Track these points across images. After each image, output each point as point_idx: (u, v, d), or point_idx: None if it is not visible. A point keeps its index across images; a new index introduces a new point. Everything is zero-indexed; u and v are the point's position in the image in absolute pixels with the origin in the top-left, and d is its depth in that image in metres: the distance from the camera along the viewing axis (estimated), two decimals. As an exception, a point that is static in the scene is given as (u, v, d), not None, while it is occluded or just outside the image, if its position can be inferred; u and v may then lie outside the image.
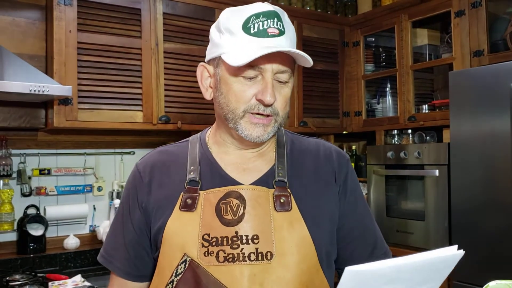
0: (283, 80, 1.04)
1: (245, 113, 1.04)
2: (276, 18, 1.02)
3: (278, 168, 1.10)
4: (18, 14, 2.49)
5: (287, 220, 1.03)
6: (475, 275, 2.35)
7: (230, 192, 1.05)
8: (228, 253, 0.99)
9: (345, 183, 1.14)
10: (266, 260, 0.99)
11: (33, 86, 2.11)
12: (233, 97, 1.04)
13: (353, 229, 1.14)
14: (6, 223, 2.51)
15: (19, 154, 2.60)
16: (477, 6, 2.66)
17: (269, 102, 1.01)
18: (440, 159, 2.72)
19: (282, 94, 1.05)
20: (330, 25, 3.39)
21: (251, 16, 1.02)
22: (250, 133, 1.04)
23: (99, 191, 2.83)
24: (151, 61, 2.62)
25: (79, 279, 2.29)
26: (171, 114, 2.68)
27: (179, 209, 1.05)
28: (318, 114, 3.32)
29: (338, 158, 1.16)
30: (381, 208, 3.07)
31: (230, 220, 1.02)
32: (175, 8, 2.72)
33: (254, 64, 1.00)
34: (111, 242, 1.17)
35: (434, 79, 3.40)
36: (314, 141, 1.20)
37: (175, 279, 1.01)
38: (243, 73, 1.02)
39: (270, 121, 1.05)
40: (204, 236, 1.01)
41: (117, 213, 1.17)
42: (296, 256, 1.01)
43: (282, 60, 1.02)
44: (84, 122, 2.43)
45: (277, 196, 1.05)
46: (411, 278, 0.75)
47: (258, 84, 1.02)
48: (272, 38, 1.00)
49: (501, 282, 0.81)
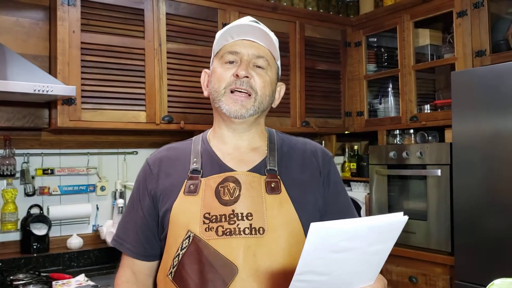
0: (260, 64, 1.23)
1: (225, 91, 1.22)
2: (254, 21, 1.26)
3: (270, 159, 1.25)
4: (22, 14, 2.50)
5: (277, 201, 1.18)
6: (477, 274, 2.35)
7: (227, 177, 1.20)
8: (226, 228, 1.13)
9: (328, 176, 1.29)
10: (259, 234, 1.13)
11: (37, 86, 2.11)
12: (216, 80, 1.24)
13: (335, 214, 1.26)
14: (10, 222, 2.52)
15: (23, 154, 2.61)
16: (479, 6, 2.66)
17: (241, 74, 1.20)
18: (442, 159, 2.73)
19: (259, 75, 1.23)
20: (332, 25, 3.39)
21: (233, 23, 1.26)
22: (230, 107, 1.21)
23: (102, 190, 2.84)
24: (154, 62, 2.63)
25: (83, 278, 2.30)
26: (174, 114, 2.69)
27: (183, 194, 1.20)
28: (320, 114, 3.32)
29: (322, 154, 1.32)
30: (383, 208, 3.07)
31: (227, 201, 1.16)
32: (178, 8, 2.73)
33: (232, 50, 1.23)
34: (122, 227, 1.32)
35: (436, 79, 3.40)
36: (302, 140, 1.36)
37: (181, 253, 1.15)
38: (224, 59, 1.24)
39: (249, 99, 1.21)
40: (205, 215, 1.15)
41: (128, 202, 1.34)
42: (285, 231, 1.15)
43: (259, 49, 1.24)
44: (87, 122, 2.44)
45: (268, 182, 1.20)
46: (366, 237, 0.86)
47: (237, 66, 1.22)
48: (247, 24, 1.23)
49: (506, 280, 0.82)
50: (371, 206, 3.16)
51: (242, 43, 1.23)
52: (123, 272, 1.30)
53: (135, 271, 1.29)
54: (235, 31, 1.24)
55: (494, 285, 0.83)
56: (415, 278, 2.76)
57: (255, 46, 1.24)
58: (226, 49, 1.24)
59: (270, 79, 1.25)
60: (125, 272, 1.30)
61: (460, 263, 2.48)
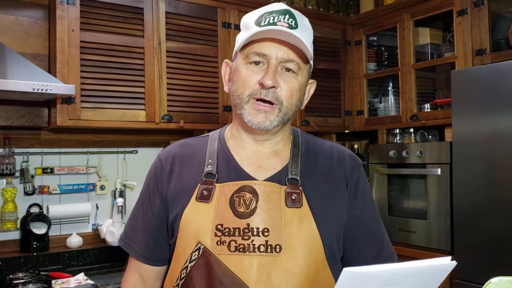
0: (290, 68, 1.09)
1: (249, 98, 1.09)
2: (288, 15, 1.09)
3: (292, 166, 1.14)
4: (21, 13, 2.50)
5: (297, 216, 1.07)
6: (477, 273, 2.35)
7: (244, 186, 1.09)
8: (239, 243, 1.04)
9: (356, 187, 1.17)
10: (275, 252, 1.03)
11: (36, 85, 2.11)
12: (240, 83, 1.11)
13: (361, 232, 1.17)
14: (9, 221, 2.52)
15: (22, 153, 2.61)
16: (479, 5, 2.66)
17: (268, 85, 1.06)
18: (442, 158, 2.72)
19: (287, 82, 1.09)
20: (332, 24, 3.39)
21: (264, 13, 1.11)
22: (253, 118, 1.09)
23: (101, 190, 2.84)
24: (153, 60, 2.63)
25: (82, 277, 2.30)
26: (174, 113, 2.69)
27: (196, 200, 1.10)
28: (320, 113, 3.32)
29: (351, 162, 1.20)
30: (383, 207, 3.07)
31: (242, 213, 1.07)
32: (178, 7, 2.73)
33: (260, 52, 1.08)
34: (131, 227, 1.23)
35: (436, 78, 3.39)
36: (329, 143, 1.25)
37: (189, 265, 1.07)
38: (250, 59, 1.09)
39: (273, 109, 1.09)
40: (218, 226, 1.06)
41: (138, 200, 1.24)
42: (304, 251, 1.05)
43: (289, 50, 1.08)
44: (87, 121, 2.44)
45: (288, 193, 1.09)
46: (405, 282, 0.78)
47: (264, 71, 1.08)
48: (280, 27, 1.06)
49: (503, 278, 0.81)
50: (371, 205, 3.15)
51: (271, 43, 1.08)
52: (130, 275, 1.24)
53: (143, 274, 1.22)
54: (264, 33, 1.07)
55: (491, 284, 0.82)
56: (415, 277, 2.76)
57: (286, 47, 1.08)
58: (253, 48, 1.09)
59: (299, 85, 1.12)
60: (133, 275, 1.23)
61: (460, 262, 2.45)
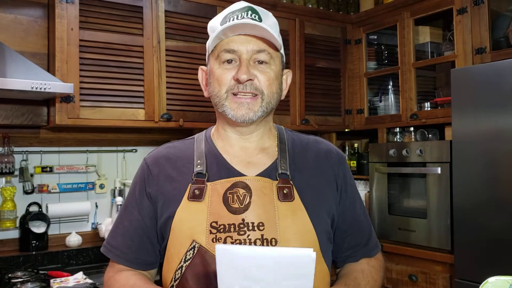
0: (262, 59, 1.12)
1: (227, 94, 1.11)
2: (250, 11, 1.13)
3: (281, 162, 1.15)
4: (20, 11, 2.49)
5: (290, 209, 1.09)
6: (477, 272, 2.35)
7: (237, 183, 1.10)
8: (235, 239, 1.05)
9: (345, 180, 1.22)
10: (271, 245, 1.05)
11: (35, 83, 2.11)
12: (216, 83, 1.13)
13: (351, 222, 1.22)
14: (9, 220, 2.52)
15: (22, 152, 2.60)
16: (479, 3, 2.65)
17: (243, 79, 1.08)
18: (442, 157, 2.72)
19: (263, 73, 1.12)
20: (332, 23, 3.38)
21: (228, 13, 1.14)
22: (236, 112, 1.11)
23: (101, 188, 2.84)
24: (153, 59, 2.62)
25: (81, 276, 2.30)
26: (173, 112, 2.68)
27: (188, 199, 1.09)
28: (320, 112, 3.31)
29: (337, 156, 1.24)
30: (383, 206, 3.06)
31: (237, 209, 1.07)
32: (177, 6, 2.72)
33: (229, 48, 1.11)
34: (114, 232, 1.20)
35: (436, 77, 3.39)
36: (313, 138, 1.27)
37: (184, 265, 1.06)
38: (221, 58, 1.12)
39: (256, 99, 1.11)
40: (212, 224, 1.06)
41: (123, 205, 1.22)
42: (299, 243, 1.07)
43: (258, 41, 1.11)
44: (86, 119, 2.44)
45: (280, 187, 1.11)
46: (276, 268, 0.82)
47: (237, 67, 1.11)
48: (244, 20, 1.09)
49: (500, 278, 0.81)
50: (371, 204, 3.15)
51: (239, 39, 1.10)
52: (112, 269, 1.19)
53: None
54: (230, 29, 1.10)
55: (489, 283, 0.82)
56: (415, 276, 2.75)
57: (254, 40, 1.11)
58: (222, 47, 1.12)
59: (275, 73, 1.13)
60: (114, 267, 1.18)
61: (460, 261, 2.47)
